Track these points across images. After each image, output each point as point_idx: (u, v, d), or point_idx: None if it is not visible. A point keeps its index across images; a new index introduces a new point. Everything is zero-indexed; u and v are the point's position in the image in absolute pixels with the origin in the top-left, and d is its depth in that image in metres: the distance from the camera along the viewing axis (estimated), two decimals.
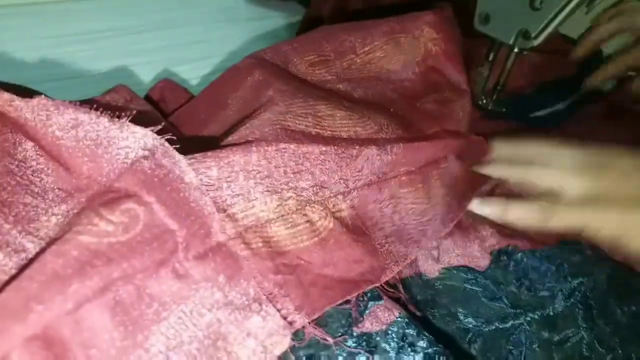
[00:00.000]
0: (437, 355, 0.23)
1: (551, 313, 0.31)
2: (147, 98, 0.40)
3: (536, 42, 0.41)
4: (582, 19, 0.46)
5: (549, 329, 0.31)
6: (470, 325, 0.31)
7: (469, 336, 0.31)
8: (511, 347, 0.30)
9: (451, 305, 0.32)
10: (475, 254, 0.33)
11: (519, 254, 0.33)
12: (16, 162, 0.24)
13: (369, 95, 0.37)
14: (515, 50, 0.43)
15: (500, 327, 0.31)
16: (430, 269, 0.33)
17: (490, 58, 0.47)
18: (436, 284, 0.32)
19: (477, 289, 0.32)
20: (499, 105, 0.48)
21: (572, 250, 0.33)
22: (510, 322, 0.31)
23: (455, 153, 0.36)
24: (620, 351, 0.29)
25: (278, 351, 0.21)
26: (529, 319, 0.31)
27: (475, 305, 0.31)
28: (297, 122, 0.29)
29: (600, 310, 0.31)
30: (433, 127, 0.35)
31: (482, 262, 0.33)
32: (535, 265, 0.32)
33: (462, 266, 0.33)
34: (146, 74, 0.43)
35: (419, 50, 0.39)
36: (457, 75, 0.39)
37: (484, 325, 0.31)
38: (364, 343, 0.24)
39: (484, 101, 0.49)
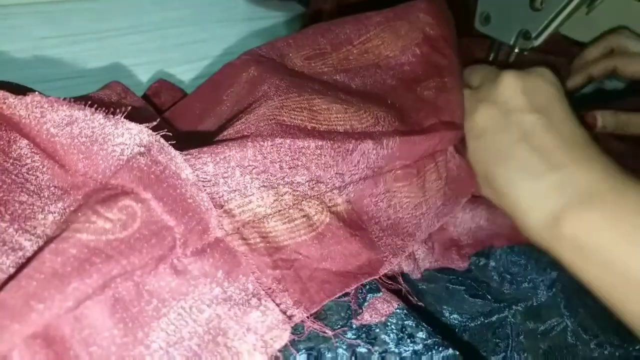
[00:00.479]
0: (436, 346, 0.23)
1: (535, 304, 0.31)
2: (144, 98, 0.40)
3: (537, 43, 0.41)
4: (582, 20, 0.47)
5: (533, 320, 0.31)
6: (456, 322, 0.31)
7: (456, 331, 0.31)
8: (497, 340, 0.31)
9: (436, 303, 0.32)
10: (454, 257, 0.34)
11: (497, 251, 0.33)
12: (11, 160, 0.23)
13: (368, 85, 0.37)
14: (516, 50, 0.43)
15: (486, 321, 0.31)
16: (414, 271, 0.33)
17: (491, 58, 0.47)
18: (419, 285, 0.33)
19: (460, 287, 0.33)
20: None
21: None
22: (496, 316, 0.31)
23: (450, 145, 0.36)
24: (602, 337, 0.30)
25: (278, 345, 0.21)
26: (513, 311, 0.31)
27: (460, 302, 0.32)
28: (292, 116, 0.29)
29: (579, 299, 0.31)
30: (430, 119, 0.35)
31: (462, 264, 0.34)
32: (514, 259, 0.33)
33: (443, 268, 0.34)
34: (145, 74, 0.43)
35: (417, 34, 0.39)
36: (454, 61, 0.39)
37: (469, 321, 0.31)
38: (363, 335, 0.24)
39: None
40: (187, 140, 0.25)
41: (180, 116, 0.37)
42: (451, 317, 0.32)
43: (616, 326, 0.30)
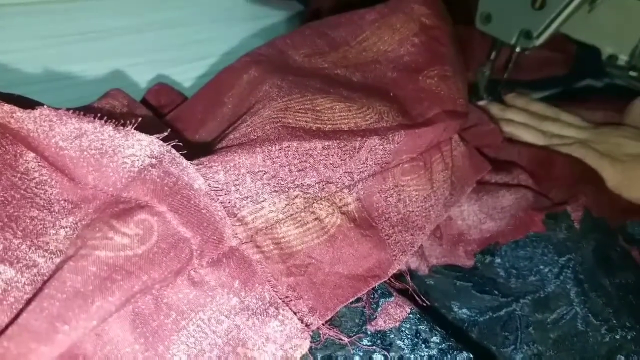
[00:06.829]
0: (451, 350, 0.23)
1: (542, 295, 0.32)
2: (143, 102, 0.39)
3: (538, 42, 0.41)
4: (583, 19, 0.47)
5: (542, 310, 0.31)
6: (465, 316, 0.32)
7: (465, 326, 0.32)
8: (506, 333, 0.31)
9: (445, 299, 0.32)
10: (461, 254, 0.34)
11: (502, 248, 0.33)
12: (19, 175, 0.23)
13: (369, 79, 0.37)
14: (517, 50, 0.43)
15: (494, 315, 0.32)
16: (421, 267, 0.33)
17: (492, 57, 0.47)
18: (427, 281, 0.33)
19: (467, 283, 0.33)
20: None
21: (558, 226, 0.33)
22: (504, 310, 0.32)
23: (454, 133, 0.36)
24: (614, 321, 0.30)
25: (299, 354, 0.21)
26: (520, 304, 0.32)
27: (468, 297, 0.32)
28: (297, 118, 0.29)
29: (590, 284, 0.31)
30: (433, 109, 0.35)
31: (468, 262, 0.34)
32: (520, 254, 0.33)
33: (450, 265, 0.34)
34: (144, 74, 0.43)
35: (413, 24, 0.39)
36: (452, 50, 0.39)
37: (478, 316, 0.32)
38: (378, 341, 0.24)
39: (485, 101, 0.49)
40: (196, 148, 0.25)
41: (182, 119, 0.36)
42: (460, 311, 0.32)
43: (631, 306, 0.31)
